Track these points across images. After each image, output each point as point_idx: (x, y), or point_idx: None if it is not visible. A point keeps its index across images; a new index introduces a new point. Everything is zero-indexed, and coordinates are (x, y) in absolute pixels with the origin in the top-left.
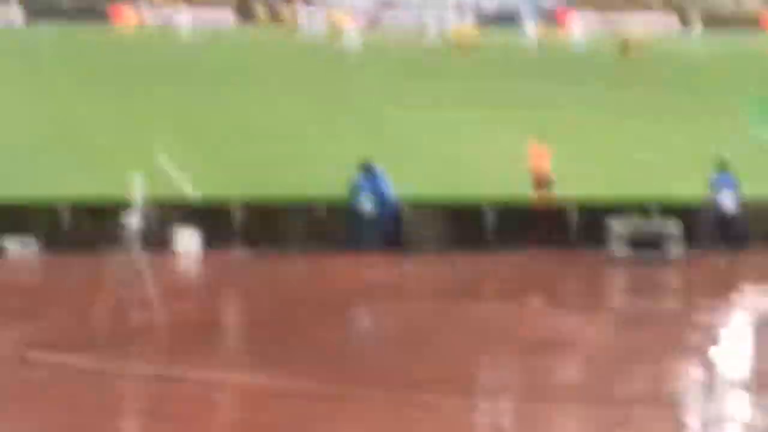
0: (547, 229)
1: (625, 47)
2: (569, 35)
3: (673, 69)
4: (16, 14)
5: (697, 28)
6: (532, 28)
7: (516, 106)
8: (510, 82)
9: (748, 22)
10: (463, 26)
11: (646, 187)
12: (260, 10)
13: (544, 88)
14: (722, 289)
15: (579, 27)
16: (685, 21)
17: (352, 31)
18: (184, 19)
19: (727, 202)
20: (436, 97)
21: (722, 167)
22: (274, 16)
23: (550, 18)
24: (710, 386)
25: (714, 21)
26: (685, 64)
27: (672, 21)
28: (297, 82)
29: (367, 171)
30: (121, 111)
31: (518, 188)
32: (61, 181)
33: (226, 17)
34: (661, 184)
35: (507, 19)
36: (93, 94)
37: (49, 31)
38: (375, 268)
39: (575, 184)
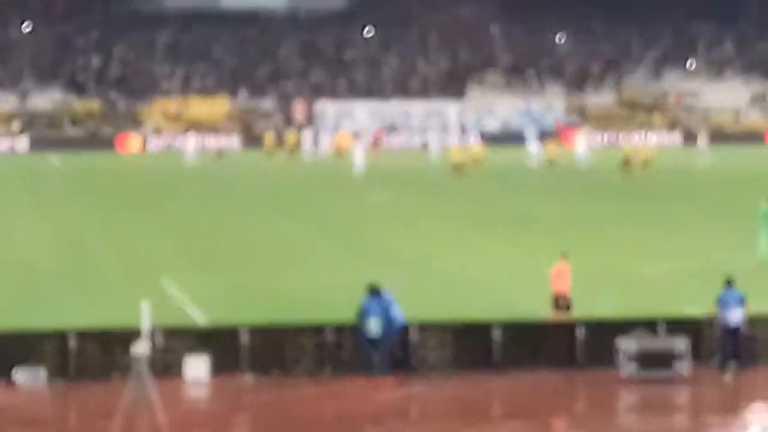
0: (556, 348)
1: (626, 162)
2: (573, 152)
3: (678, 183)
4: (22, 143)
5: (702, 143)
6: (535, 147)
7: (521, 224)
8: (515, 200)
9: (750, 137)
10: (462, 147)
11: (653, 303)
12: (267, 137)
13: (549, 205)
14: (732, 406)
15: (583, 144)
16: (688, 137)
17: (357, 153)
18: (190, 144)
19: (734, 318)
20: (441, 218)
21: (729, 283)
22: (280, 141)
23: (554, 136)
24: None
25: (717, 136)
26: (691, 178)
27: (675, 137)
28: (303, 205)
29: (374, 293)
30: (128, 237)
31: (526, 307)
32: (70, 309)
33: (231, 143)
34: (669, 299)
35: (511, 138)
36: (100, 221)
37: (54, 158)
38: (384, 391)
39: (583, 301)
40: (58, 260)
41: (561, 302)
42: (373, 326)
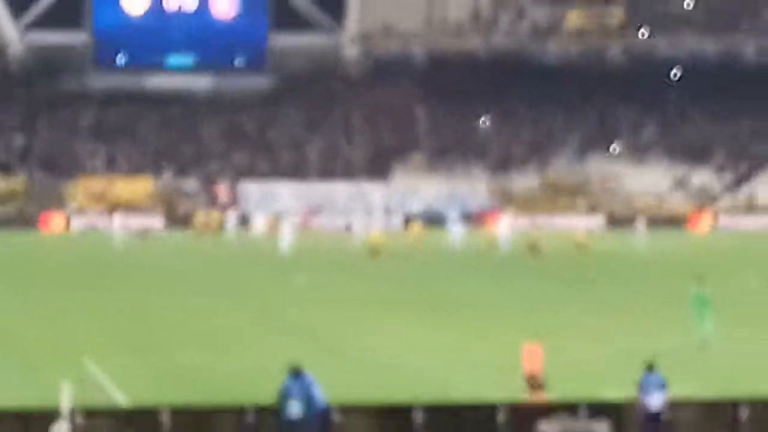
0: (477, 431)
1: (532, 247)
2: (495, 235)
3: (602, 267)
4: None
5: (640, 227)
6: (458, 229)
7: (444, 307)
8: (438, 283)
9: (673, 221)
10: (376, 231)
11: (576, 386)
12: (197, 216)
13: (471, 288)
14: None
15: (505, 228)
16: (611, 221)
17: (282, 235)
18: (114, 224)
19: (655, 402)
20: (362, 300)
21: (650, 367)
22: (205, 222)
23: (477, 220)
24: None
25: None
26: (616, 262)
27: (598, 220)
28: (225, 286)
29: (296, 375)
30: (48, 316)
31: (449, 389)
32: None
33: (155, 223)
34: (591, 383)
35: (434, 220)
36: (21, 300)
37: None
38: None
39: (504, 383)
40: None
41: (533, 383)
42: (294, 408)
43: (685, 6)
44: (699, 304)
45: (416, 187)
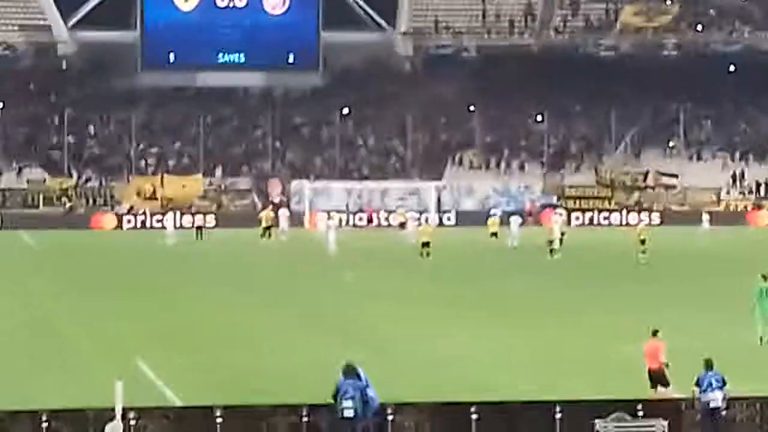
0: (534, 429)
1: (549, 243)
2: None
3: (660, 264)
4: None
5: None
6: (514, 227)
7: (494, 305)
8: (489, 281)
9: (730, 217)
10: (426, 226)
11: (632, 384)
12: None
13: (523, 286)
14: None
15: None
16: (668, 217)
17: (332, 233)
18: (167, 222)
19: (714, 400)
20: (415, 297)
21: (709, 365)
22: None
23: (531, 216)
24: None
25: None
26: (675, 258)
27: (654, 217)
28: (278, 284)
29: (350, 373)
30: (100, 315)
31: (502, 388)
32: (41, 389)
33: (206, 222)
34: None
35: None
36: (72, 299)
37: (27, 236)
38: None
39: (561, 382)
40: (29, 339)
41: (657, 380)
42: (349, 406)
43: (740, 0)
44: (762, 300)
45: (470, 185)
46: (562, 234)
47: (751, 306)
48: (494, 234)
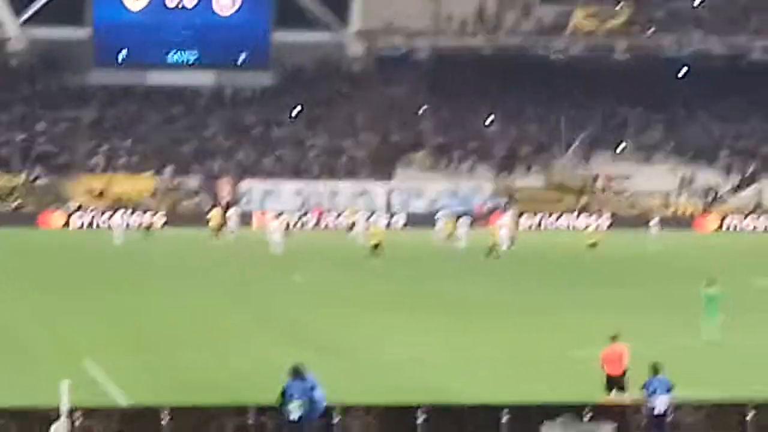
0: None
1: (492, 247)
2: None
3: (608, 268)
4: None
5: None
6: (462, 229)
7: (443, 306)
8: (437, 282)
9: (679, 221)
10: (378, 228)
11: (580, 388)
12: (214, 215)
13: (472, 289)
14: None
15: (507, 227)
16: (617, 221)
17: (279, 233)
18: (115, 221)
19: (661, 404)
20: (361, 299)
21: (656, 369)
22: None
23: (480, 219)
24: None
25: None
26: (622, 263)
27: (603, 221)
28: (226, 284)
29: (297, 375)
30: (48, 314)
31: (454, 390)
32: None
33: (155, 221)
34: (597, 385)
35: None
36: (19, 298)
37: None
38: None
39: (508, 384)
40: None
41: (615, 385)
42: (296, 408)
43: (692, 4)
44: (708, 305)
45: (420, 186)
46: (511, 238)
47: (698, 311)
48: (449, 235)
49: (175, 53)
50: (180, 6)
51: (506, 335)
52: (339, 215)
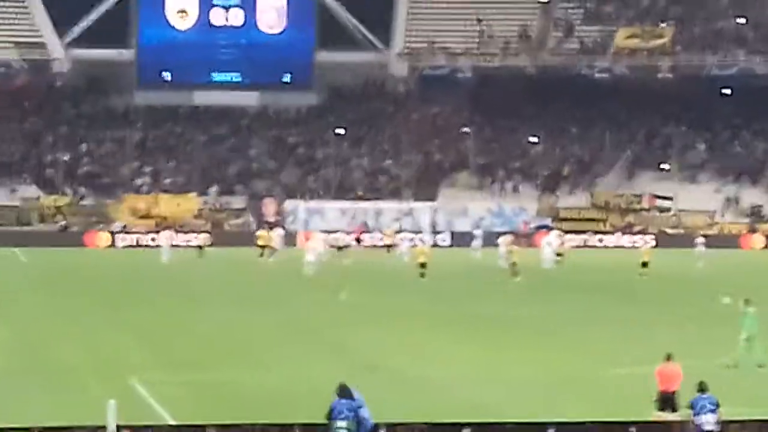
0: None
1: (513, 265)
2: (541, 254)
3: (654, 287)
4: None
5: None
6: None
7: (486, 325)
8: (480, 301)
9: (724, 240)
10: (423, 247)
11: (625, 407)
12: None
13: (514, 308)
14: None
15: (551, 246)
16: (662, 240)
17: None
18: (162, 239)
19: (708, 423)
20: (412, 317)
21: (702, 388)
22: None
23: (523, 237)
24: None
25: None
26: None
27: (647, 239)
28: (273, 303)
29: (344, 394)
30: (95, 333)
31: (498, 408)
32: (33, 406)
33: (200, 241)
34: (642, 403)
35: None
36: (66, 316)
37: (21, 253)
38: None
39: (553, 402)
40: (23, 357)
41: (667, 403)
42: (343, 427)
43: (735, 24)
44: (749, 324)
45: (464, 206)
46: (560, 254)
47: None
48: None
49: (219, 73)
50: (227, 24)
51: (553, 354)
52: (383, 235)
